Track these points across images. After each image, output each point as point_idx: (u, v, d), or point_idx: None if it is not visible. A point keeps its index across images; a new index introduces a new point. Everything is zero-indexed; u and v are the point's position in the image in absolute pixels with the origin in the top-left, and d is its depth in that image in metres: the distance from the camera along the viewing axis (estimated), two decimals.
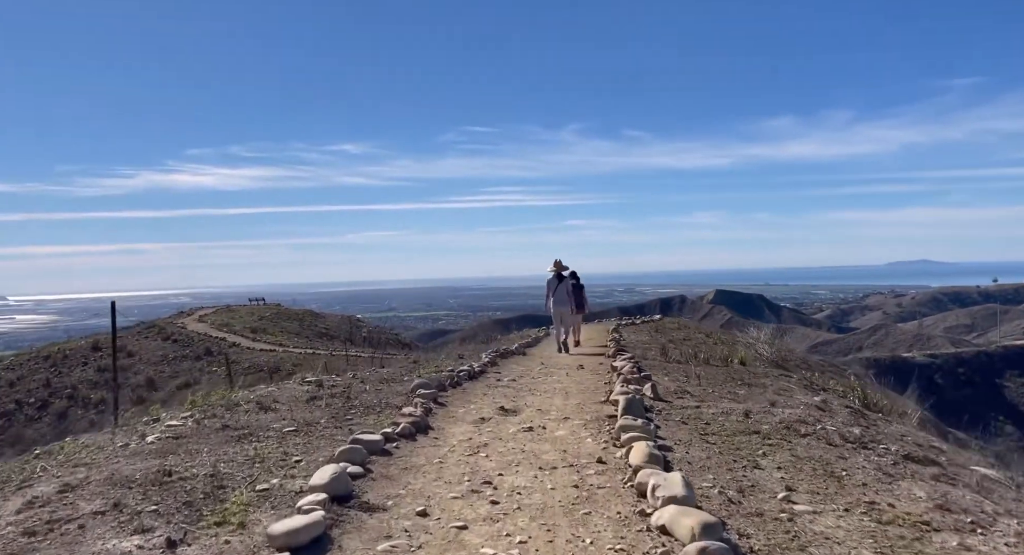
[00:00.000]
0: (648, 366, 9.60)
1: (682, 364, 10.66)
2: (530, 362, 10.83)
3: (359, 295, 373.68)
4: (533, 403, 6.65)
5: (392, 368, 9.77)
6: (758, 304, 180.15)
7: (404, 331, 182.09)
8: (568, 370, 9.53)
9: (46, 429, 33.21)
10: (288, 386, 7.52)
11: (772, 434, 5.18)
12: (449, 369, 8.89)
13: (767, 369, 12.70)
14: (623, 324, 21.28)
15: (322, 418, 5.80)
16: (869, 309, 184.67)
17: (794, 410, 6.01)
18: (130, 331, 46.71)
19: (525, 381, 8.23)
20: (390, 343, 62.29)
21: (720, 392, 7.54)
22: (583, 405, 6.49)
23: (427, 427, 5.49)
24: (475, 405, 6.54)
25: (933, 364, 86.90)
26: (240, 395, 6.94)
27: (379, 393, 6.97)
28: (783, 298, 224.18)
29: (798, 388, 10.56)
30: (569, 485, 4.04)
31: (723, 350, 15.48)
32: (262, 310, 58.03)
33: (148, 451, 4.72)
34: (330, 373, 19.93)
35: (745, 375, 10.36)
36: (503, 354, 11.18)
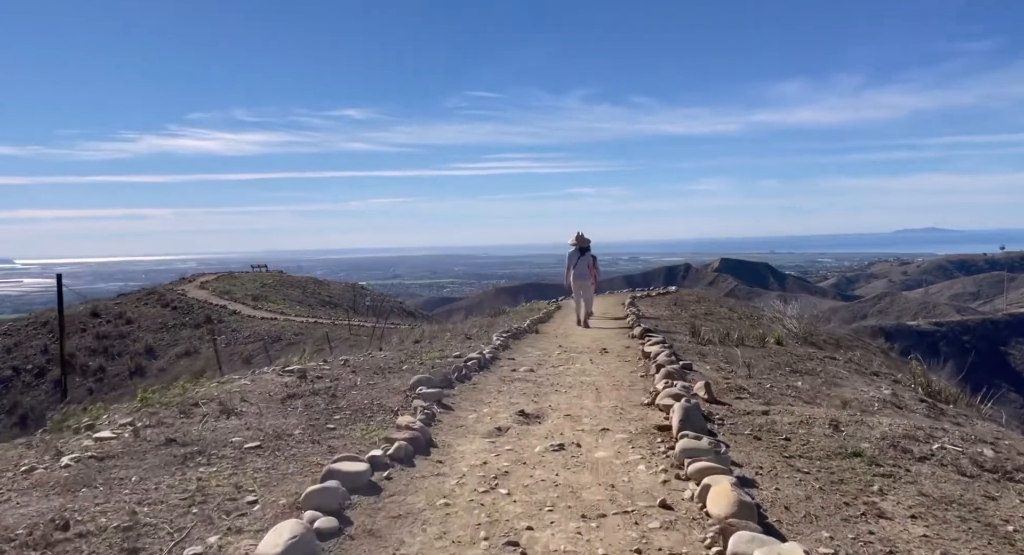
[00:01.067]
0: (681, 350, 8.39)
1: (716, 345, 9.47)
2: (546, 343, 9.60)
3: (364, 262, 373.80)
4: (559, 404, 5.41)
5: (390, 352, 8.53)
6: (763, 272, 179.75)
7: (409, 299, 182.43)
8: (591, 354, 8.31)
9: (43, 397, 32.51)
10: (265, 377, 6.31)
11: (879, 457, 3.96)
12: (456, 354, 7.67)
13: (805, 349, 11.52)
14: (638, 296, 20.00)
15: (297, 427, 4.59)
16: (874, 277, 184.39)
17: (898, 421, 4.77)
18: (129, 297, 45.89)
19: (545, 371, 6.99)
20: (394, 312, 61.34)
21: (779, 386, 6.33)
22: (621, 409, 5.25)
23: (428, 443, 4.26)
24: (488, 408, 5.29)
25: (938, 332, 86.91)
26: (203, 391, 5.74)
27: (371, 389, 5.75)
28: (788, 266, 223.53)
29: (849, 373, 9.37)
30: (628, 550, 2.83)
31: (751, 326, 14.28)
32: (264, 277, 57.15)
33: (56, 482, 3.52)
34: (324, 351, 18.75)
35: (788, 358, 9.17)
36: (515, 334, 9.94)
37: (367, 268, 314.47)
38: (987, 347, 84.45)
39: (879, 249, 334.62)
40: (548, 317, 14.98)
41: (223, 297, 45.07)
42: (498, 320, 15.75)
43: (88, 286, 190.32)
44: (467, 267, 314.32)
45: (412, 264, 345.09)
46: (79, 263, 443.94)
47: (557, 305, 18.90)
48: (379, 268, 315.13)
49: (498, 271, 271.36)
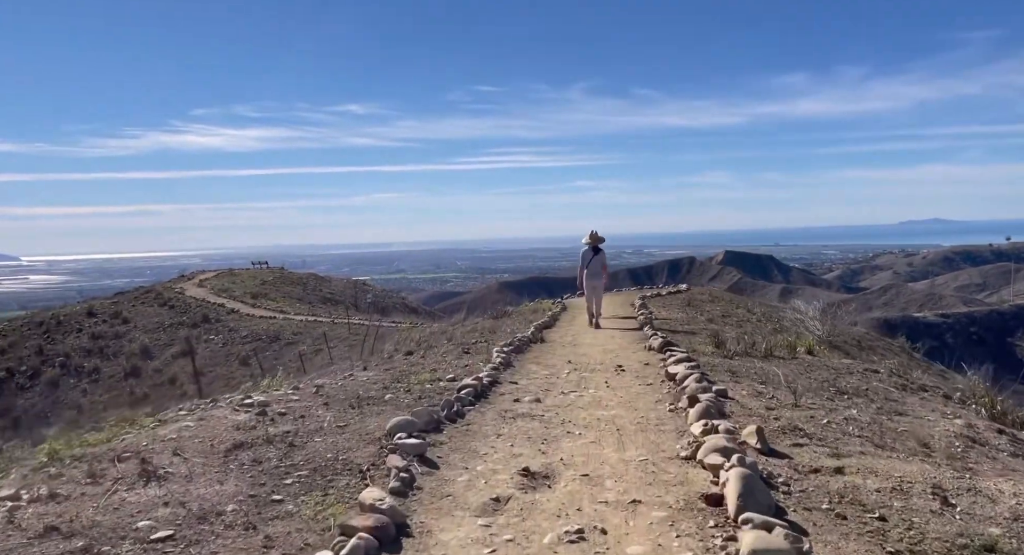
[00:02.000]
0: (708, 366, 7.27)
1: (744, 358, 8.36)
2: (553, 357, 8.48)
3: (368, 257, 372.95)
4: (573, 456, 4.28)
5: (375, 372, 7.38)
6: (768, 265, 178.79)
7: (412, 293, 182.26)
8: (606, 373, 7.19)
9: (37, 399, 31.64)
10: (216, 414, 5.20)
11: None
12: (449, 377, 6.55)
13: (838, 358, 10.40)
14: (648, 296, 18.83)
15: (234, 499, 3.49)
16: (880, 269, 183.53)
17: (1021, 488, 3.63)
18: (126, 296, 44.98)
19: (553, 401, 5.85)
20: (396, 308, 60.46)
21: (836, 420, 5.21)
22: (653, 463, 4.13)
23: (400, 531, 3.14)
24: (484, 462, 4.16)
25: (944, 323, 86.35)
26: (131, 439, 4.63)
27: (341, 433, 4.62)
28: (793, 258, 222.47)
29: (898, 391, 8.25)
30: None
31: (774, 330, 13.16)
32: (265, 274, 56.16)
33: None
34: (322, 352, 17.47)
35: (827, 373, 8.06)
36: (518, 346, 8.80)
37: (371, 262, 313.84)
38: (994, 338, 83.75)
39: (884, 241, 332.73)
40: (554, 320, 13.87)
41: (222, 295, 44.12)
42: (501, 324, 14.64)
43: (93, 283, 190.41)
44: (470, 261, 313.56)
45: (415, 258, 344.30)
46: (84, 260, 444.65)
47: (562, 305, 17.76)
48: (383, 262, 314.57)
49: (501, 265, 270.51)
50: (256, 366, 31.17)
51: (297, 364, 31.50)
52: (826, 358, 9.52)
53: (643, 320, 12.56)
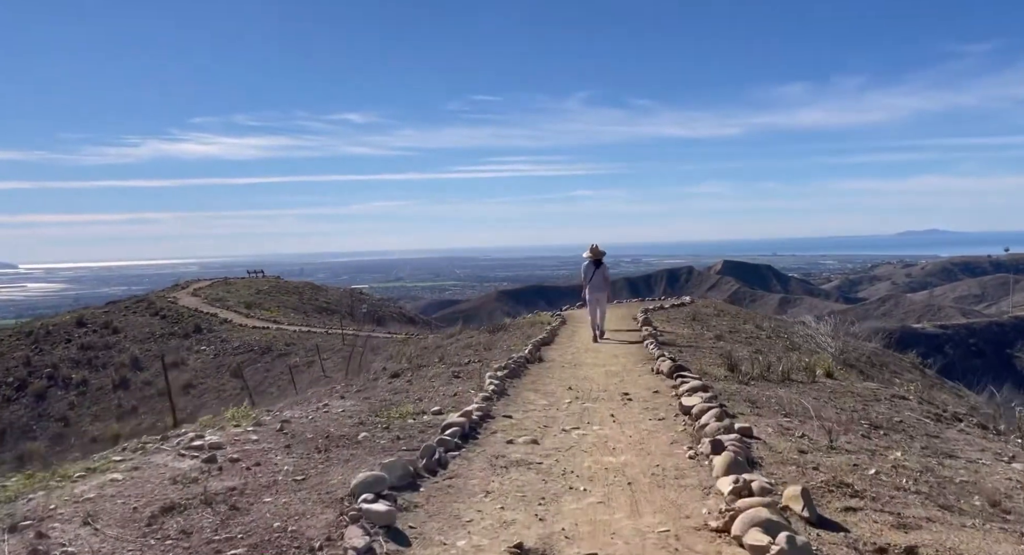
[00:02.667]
0: (724, 394, 6.48)
1: (761, 382, 7.57)
2: (552, 381, 7.68)
3: (367, 265, 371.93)
4: (576, 524, 3.46)
5: (353, 401, 6.54)
6: (766, 274, 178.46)
7: (411, 302, 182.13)
8: (611, 403, 6.39)
9: (23, 411, 30.77)
10: (156, 462, 4.38)
11: None
12: (435, 410, 5.73)
13: (860, 381, 9.61)
14: (651, 310, 18.02)
15: None
16: (878, 279, 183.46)
17: None
18: (118, 305, 44.17)
19: (553, 442, 5.03)
20: (392, 318, 59.64)
21: (883, 469, 4.43)
22: (677, 540, 3.30)
23: None
24: (466, 537, 3.31)
25: (943, 335, 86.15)
26: (40, 499, 3.81)
27: (298, 490, 3.81)
28: (791, 268, 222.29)
29: (935, 422, 7.46)
30: None
31: (787, 348, 12.38)
32: (260, 283, 55.36)
33: None
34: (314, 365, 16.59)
35: (853, 401, 7.27)
36: (514, 370, 8.00)
37: (370, 270, 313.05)
38: (993, 350, 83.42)
39: (882, 251, 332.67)
40: (553, 336, 13.08)
41: (215, 305, 43.35)
42: (497, 339, 13.84)
43: (91, 291, 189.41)
44: (469, 269, 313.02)
45: (415, 266, 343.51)
46: (83, 268, 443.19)
47: (561, 319, 16.95)
48: (382, 270, 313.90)
49: (500, 273, 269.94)
50: (248, 378, 30.35)
51: (288, 377, 30.70)
52: (847, 381, 8.74)
53: (647, 336, 11.79)
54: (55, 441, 29.21)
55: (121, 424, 29.47)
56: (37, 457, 27.33)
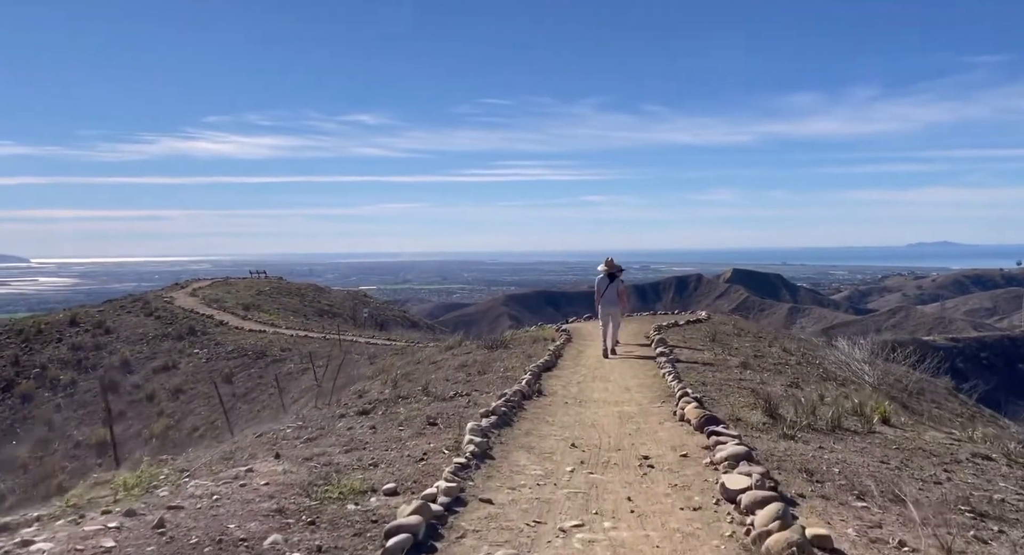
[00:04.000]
0: (769, 456, 5.15)
1: (809, 433, 6.21)
2: (552, 430, 6.29)
3: (376, 266, 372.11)
4: None
5: (286, 464, 5.10)
6: (775, 284, 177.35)
7: (417, 304, 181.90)
8: (628, 476, 4.91)
9: (7, 413, 29.71)
10: (62, 530, 3.11)
11: None
12: (387, 488, 4.29)
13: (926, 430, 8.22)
14: (664, 326, 16.64)
15: None
16: (888, 291, 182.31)
17: None
18: (113, 304, 43.17)
19: (550, 526, 3.71)
20: (396, 322, 58.52)
21: None
22: None
23: None
24: None
25: (955, 348, 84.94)
26: None
27: None
28: (800, 278, 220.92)
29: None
30: None
31: (822, 377, 11.02)
32: (261, 284, 54.37)
33: None
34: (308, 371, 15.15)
35: (928, 464, 5.83)
36: (505, 414, 6.59)
37: (378, 272, 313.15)
38: (1004, 364, 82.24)
39: (892, 262, 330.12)
40: (556, 358, 11.75)
41: (212, 306, 42.31)
42: (495, 358, 12.54)
43: (103, 286, 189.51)
44: (477, 273, 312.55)
45: (423, 269, 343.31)
46: (94, 263, 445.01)
47: (567, 336, 15.59)
48: (390, 272, 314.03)
49: (508, 277, 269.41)
50: (239, 385, 29.18)
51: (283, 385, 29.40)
52: (910, 431, 7.30)
53: (664, 362, 10.45)
54: (39, 446, 28.10)
55: (107, 429, 28.34)
56: (19, 462, 26.20)
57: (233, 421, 26.75)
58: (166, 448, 25.57)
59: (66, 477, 23.97)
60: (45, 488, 23.21)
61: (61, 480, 23.76)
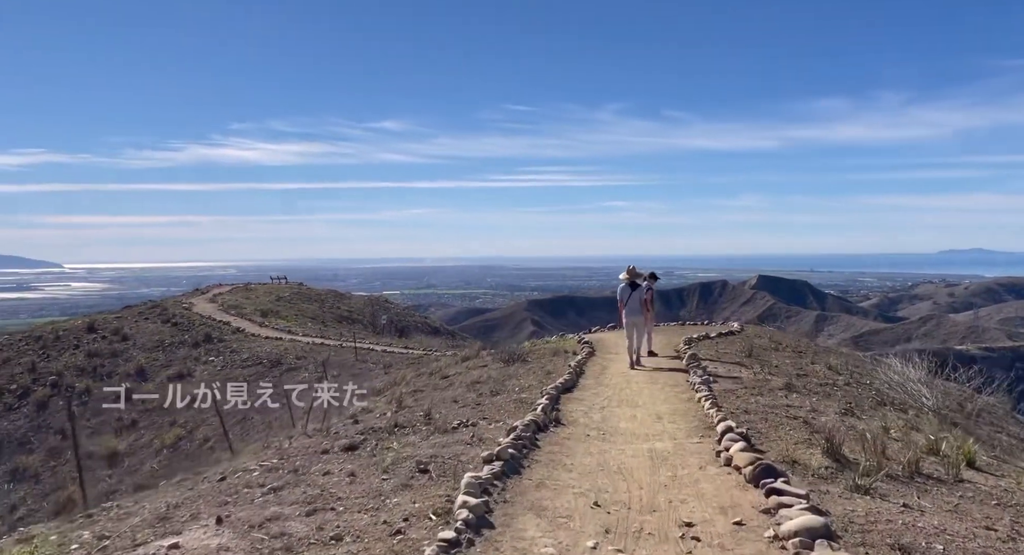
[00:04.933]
0: (852, 527, 4.03)
1: (885, 481, 5.05)
2: (569, 480, 5.12)
3: (400, 271, 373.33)
4: None
5: (230, 534, 4.10)
6: (802, 290, 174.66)
7: (440, 309, 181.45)
8: (670, 550, 3.88)
9: (22, 421, 29.23)
10: None
11: None
12: None
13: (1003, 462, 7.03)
14: (695, 339, 15.40)
15: None
16: (919, 298, 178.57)
17: None
18: (131, 311, 42.85)
19: None
20: (417, 328, 57.64)
21: None
22: None
23: None
24: None
25: (989, 357, 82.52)
26: None
27: None
28: (828, 285, 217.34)
29: None
30: None
31: (874, 399, 9.80)
32: (281, 290, 53.89)
33: None
34: None
35: None
36: (513, 458, 5.44)
37: (403, 277, 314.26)
38: None
39: (923, 270, 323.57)
40: (577, 377, 10.65)
41: (230, 312, 41.78)
42: (511, 374, 11.47)
43: (132, 291, 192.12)
44: (500, 278, 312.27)
45: (446, 274, 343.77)
46: (124, 269, 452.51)
47: (590, 348, 14.44)
48: (414, 277, 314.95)
49: (531, 283, 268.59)
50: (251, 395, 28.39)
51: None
52: (1005, 476, 6.08)
53: (698, 383, 9.30)
54: (51, 454, 27.56)
55: (119, 439, 27.79)
56: (31, 472, 25.63)
57: (244, 432, 25.94)
58: (176, 460, 24.84)
59: (75, 488, 23.37)
60: (56, 499, 22.60)
61: (71, 491, 23.17)
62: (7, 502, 24.50)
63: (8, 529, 17.68)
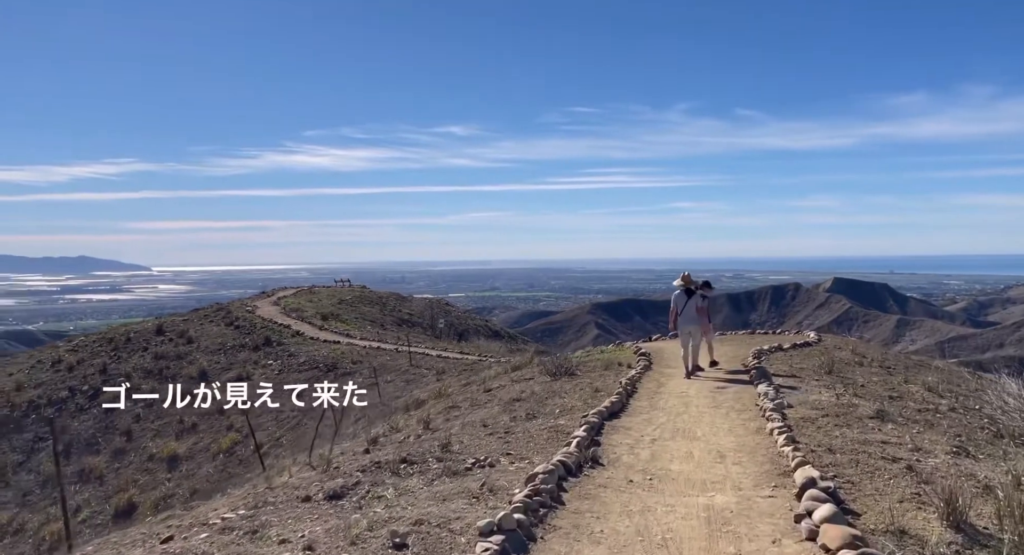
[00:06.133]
0: None
1: None
2: (600, 543, 3.95)
3: (465, 274, 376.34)
4: None
5: None
6: (881, 293, 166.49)
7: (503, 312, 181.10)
8: None
9: (91, 422, 29.77)
10: None
11: None
12: None
13: None
14: (765, 351, 13.80)
15: None
16: (1012, 302, 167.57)
17: None
18: (198, 313, 43.59)
19: None
20: (477, 331, 56.94)
21: None
22: None
23: None
24: None
25: None
26: None
27: None
28: (910, 288, 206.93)
29: None
30: None
31: (991, 431, 8.17)
32: (344, 293, 54.26)
33: None
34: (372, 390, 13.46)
35: None
36: (534, 509, 4.25)
37: (468, 279, 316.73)
38: None
39: (1015, 272, 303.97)
40: (627, 398, 9.37)
41: (291, 315, 41.98)
42: (555, 391, 10.28)
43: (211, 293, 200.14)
44: (564, 281, 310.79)
45: (510, 276, 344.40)
46: (206, 271, 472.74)
47: (647, 362, 13.06)
48: (479, 280, 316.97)
49: (595, 285, 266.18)
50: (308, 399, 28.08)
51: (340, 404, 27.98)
52: None
53: (769, 405, 7.89)
54: (116, 456, 27.87)
55: (179, 442, 27.87)
56: (96, 473, 25.90)
57: (297, 439, 25.49)
58: (231, 466, 24.56)
59: (136, 491, 23.40)
60: (117, 502, 22.60)
61: (131, 494, 23.16)
62: (72, 504, 24.68)
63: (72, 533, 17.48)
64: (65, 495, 9.48)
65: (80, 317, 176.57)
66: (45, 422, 30.88)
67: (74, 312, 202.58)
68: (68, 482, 25.81)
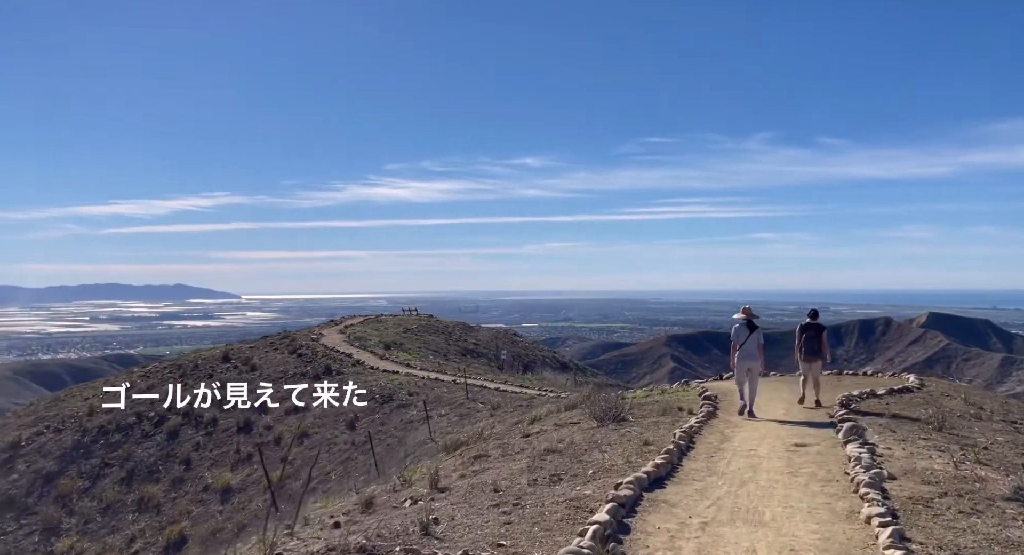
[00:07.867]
0: None
1: None
2: None
3: (538, 304, 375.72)
4: None
5: None
6: (983, 330, 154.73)
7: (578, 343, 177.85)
8: None
9: (154, 448, 29.71)
10: None
11: None
12: None
13: None
14: (856, 397, 11.65)
15: None
16: None
17: None
18: (264, 341, 43.72)
19: None
20: (544, 362, 55.15)
21: None
22: None
23: None
24: None
25: None
26: None
27: None
28: (1015, 324, 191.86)
29: None
30: None
31: None
32: (409, 321, 53.51)
33: None
34: None
35: None
36: None
37: (541, 310, 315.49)
38: None
39: None
40: (682, 453, 7.61)
41: (355, 344, 41.39)
42: (594, 446, 8.63)
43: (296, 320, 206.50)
44: (639, 312, 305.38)
45: (584, 307, 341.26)
46: (291, 299, 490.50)
47: (711, 408, 11.18)
48: (552, 310, 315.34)
49: (671, 317, 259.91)
50: (359, 432, 27.06)
51: (398, 434, 27.06)
52: None
53: (865, 479, 6.02)
54: (174, 485, 27.45)
55: (235, 473, 27.17)
56: (154, 502, 25.48)
57: (346, 473, 24.45)
58: (280, 500, 23.54)
59: (188, 524, 22.69)
60: (169, 534, 21.86)
61: (183, 527, 22.42)
62: (127, 533, 24.22)
63: None
64: None
65: (176, 342, 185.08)
66: (111, 448, 30.88)
67: (171, 337, 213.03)
68: (128, 510, 25.47)
